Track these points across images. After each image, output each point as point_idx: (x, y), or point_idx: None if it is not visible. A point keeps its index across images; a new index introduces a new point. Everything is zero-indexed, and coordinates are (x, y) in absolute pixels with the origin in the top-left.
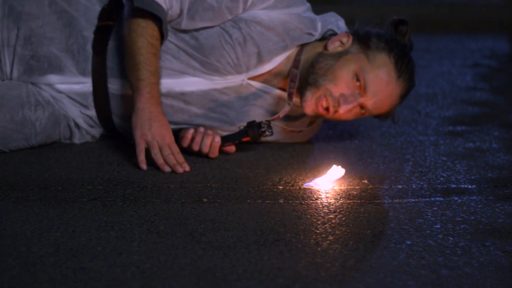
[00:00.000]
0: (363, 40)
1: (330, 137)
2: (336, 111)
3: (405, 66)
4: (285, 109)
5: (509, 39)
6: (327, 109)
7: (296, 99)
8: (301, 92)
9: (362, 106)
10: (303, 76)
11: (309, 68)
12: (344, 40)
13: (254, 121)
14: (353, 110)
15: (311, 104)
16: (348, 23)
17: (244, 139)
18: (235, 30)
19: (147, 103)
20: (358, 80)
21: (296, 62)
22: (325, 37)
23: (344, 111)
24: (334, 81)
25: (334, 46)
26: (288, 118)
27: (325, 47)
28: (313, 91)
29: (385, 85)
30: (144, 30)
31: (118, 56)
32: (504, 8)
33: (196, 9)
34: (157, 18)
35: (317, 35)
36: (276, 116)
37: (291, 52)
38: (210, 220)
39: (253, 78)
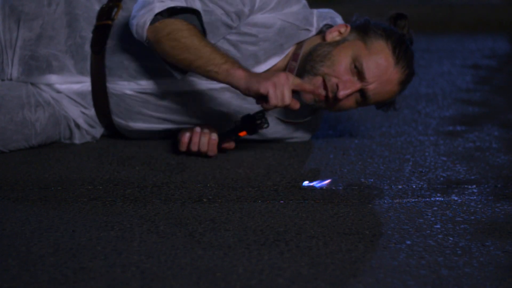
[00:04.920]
0: (361, 28)
1: (330, 137)
2: (335, 98)
3: (403, 53)
4: None
5: (509, 39)
6: (325, 94)
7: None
8: None
9: (362, 93)
10: (301, 67)
11: (307, 57)
12: (342, 30)
13: (248, 114)
14: (353, 97)
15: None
16: (347, 22)
17: (241, 134)
18: (231, 31)
19: (247, 73)
20: (356, 66)
21: (295, 56)
22: (323, 31)
23: (343, 96)
24: (332, 67)
25: (332, 36)
26: (285, 109)
27: (323, 38)
28: (310, 78)
29: (383, 70)
30: (190, 32)
31: (117, 56)
32: (504, 8)
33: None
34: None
35: (314, 30)
36: None
37: (289, 50)
38: (210, 220)
39: None
